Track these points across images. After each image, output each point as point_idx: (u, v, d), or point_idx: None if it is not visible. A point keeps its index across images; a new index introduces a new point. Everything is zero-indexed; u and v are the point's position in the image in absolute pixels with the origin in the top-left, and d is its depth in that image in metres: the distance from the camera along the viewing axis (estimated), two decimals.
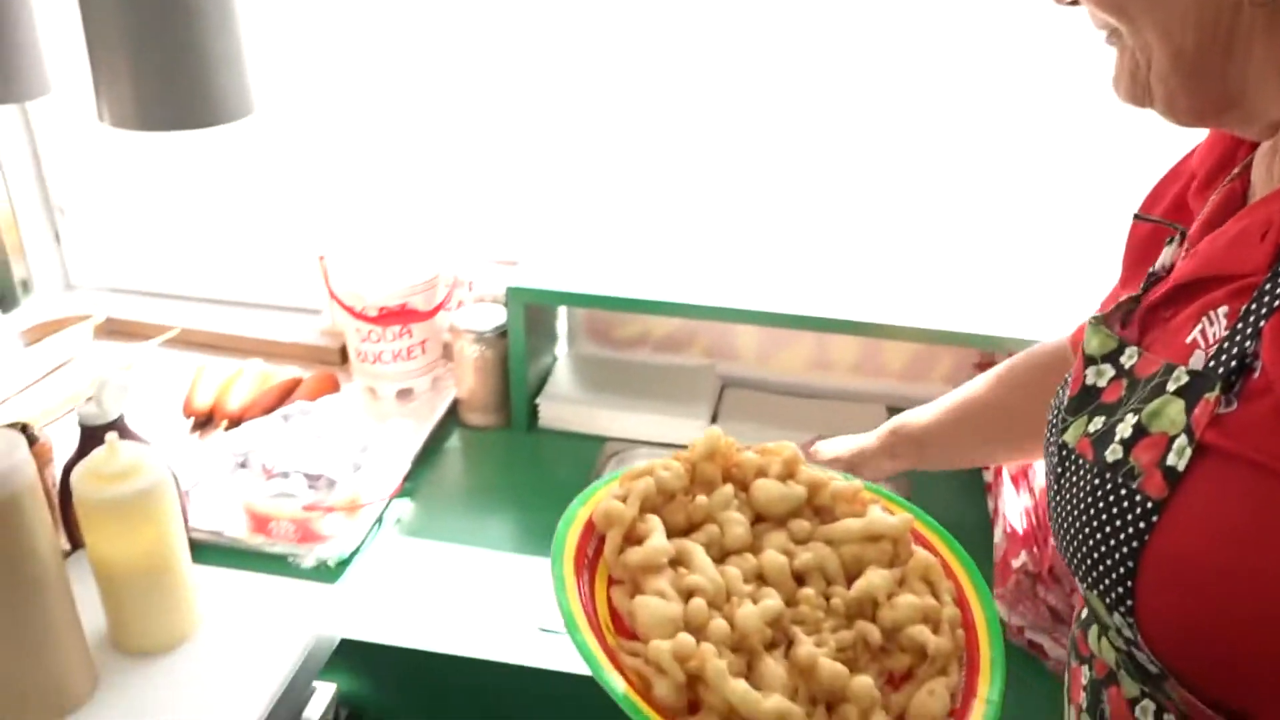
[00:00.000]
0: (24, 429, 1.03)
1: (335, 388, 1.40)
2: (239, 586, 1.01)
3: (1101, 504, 0.58)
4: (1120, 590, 0.56)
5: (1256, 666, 0.52)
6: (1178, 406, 0.56)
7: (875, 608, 0.65)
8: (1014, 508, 1.09)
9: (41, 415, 1.31)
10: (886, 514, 0.70)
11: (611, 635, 0.63)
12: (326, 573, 1.11)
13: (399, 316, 1.35)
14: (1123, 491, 0.57)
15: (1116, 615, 0.57)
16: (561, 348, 1.52)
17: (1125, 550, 0.55)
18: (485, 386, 1.35)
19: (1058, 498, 0.63)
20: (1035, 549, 1.01)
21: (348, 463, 1.15)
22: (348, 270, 1.36)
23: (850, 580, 0.67)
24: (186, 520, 1.08)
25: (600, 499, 0.68)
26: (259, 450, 1.14)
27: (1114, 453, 0.58)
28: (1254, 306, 0.54)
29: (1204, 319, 0.59)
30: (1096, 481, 0.59)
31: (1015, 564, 1.01)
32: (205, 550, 1.12)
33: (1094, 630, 0.66)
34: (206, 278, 1.65)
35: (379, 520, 1.19)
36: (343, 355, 1.49)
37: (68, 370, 1.42)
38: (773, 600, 0.63)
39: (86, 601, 0.91)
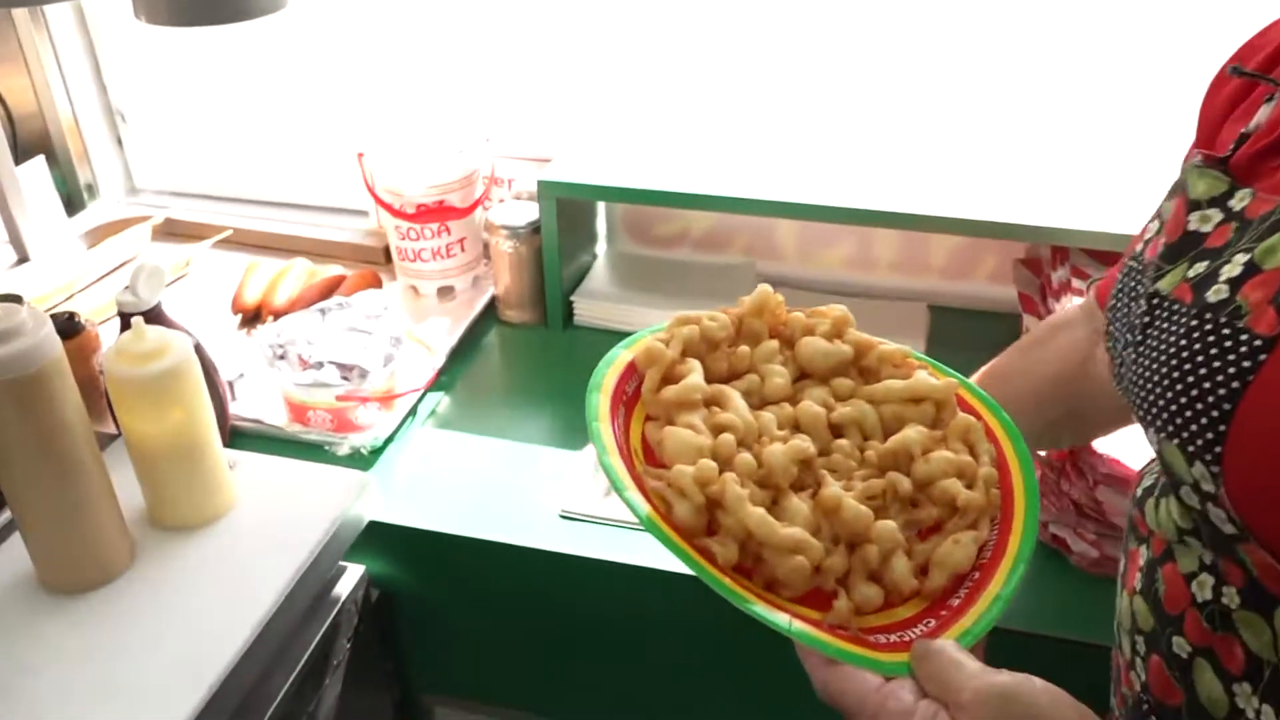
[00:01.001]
0: (70, 317, 1.08)
1: (376, 284, 1.42)
2: (275, 470, 1.05)
3: (1199, 344, 0.52)
4: (1210, 435, 0.51)
5: None
6: None
7: (910, 462, 0.63)
8: None
9: (99, 311, 1.36)
10: (932, 378, 0.67)
11: (641, 464, 0.62)
12: (360, 460, 1.14)
13: (436, 214, 1.37)
14: (1225, 331, 0.51)
15: (1198, 465, 0.52)
16: (601, 246, 1.52)
17: (1223, 392, 0.50)
18: (520, 283, 1.36)
19: (1141, 349, 0.58)
20: None
21: (379, 355, 1.17)
22: (387, 168, 1.38)
23: (888, 438, 0.65)
24: (226, 406, 1.13)
25: (644, 342, 0.68)
26: (296, 342, 1.17)
27: (1218, 293, 0.53)
28: None
29: None
30: (1194, 323, 0.53)
31: (1041, 454, 0.99)
32: (247, 437, 1.17)
33: (1151, 503, 0.62)
34: (262, 181, 1.69)
35: (413, 412, 1.22)
36: (387, 255, 1.51)
37: (127, 270, 1.48)
38: (803, 442, 0.61)
39: (131, 481, 0.96)
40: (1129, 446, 0.93)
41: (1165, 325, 0.56)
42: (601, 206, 1.49)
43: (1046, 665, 0.93)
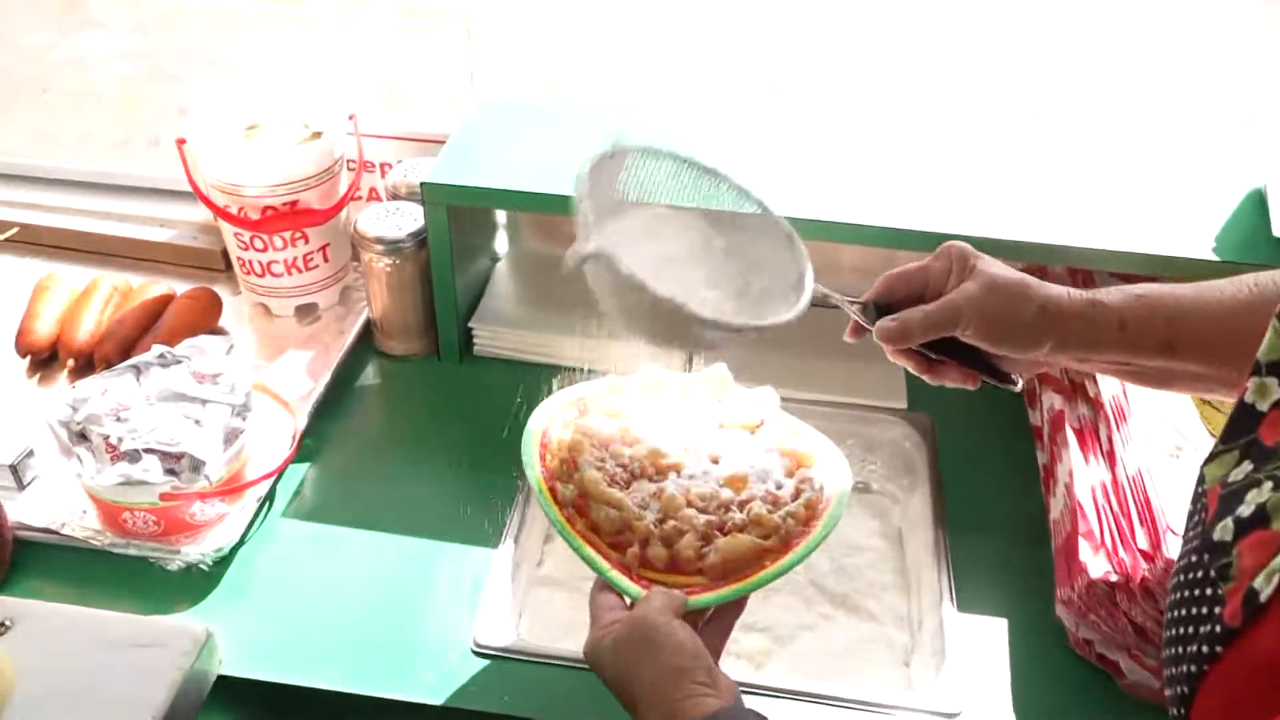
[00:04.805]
0: None
1: (215, 307, 1.10)
2: (70, 627, 0.76)
3: (1188, 592, 0.46)
4: (1179, 703, 0.45)
5: None
6: None
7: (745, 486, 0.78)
8: (1082, 480, 0.85)
9: None
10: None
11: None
12: (199, 578, 0.86)
13: (288, 219, 1.05)
14: (1207, 592, 0.45)
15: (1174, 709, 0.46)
16: (501, 243, 1.23)
17: (1191, 669, 0.44)
18: (403, 307, 1.07)
19: (1182, 542, 0.51)
20: (1120, 553, 0.78)
21: (217, 434, 0.88)
22: (217, 159, 1.05)
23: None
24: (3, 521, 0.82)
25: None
26: (102, 419, 0.86)
27: (1225, 530, 0.45)
28: None
29: None
30: (1195, 559, 0.47)
31: (1094, 574, 0.77)
32: (39, 555, 0.86)
33: None
34: (48, 152, 1.31)
35: (269, 497, 0.93)
36: (226, 259, 1.19)
37: None
38: (668, 457, 0.78)
39: None
40: None
41: (1189, 534, 0.50)
42: None
43: None
